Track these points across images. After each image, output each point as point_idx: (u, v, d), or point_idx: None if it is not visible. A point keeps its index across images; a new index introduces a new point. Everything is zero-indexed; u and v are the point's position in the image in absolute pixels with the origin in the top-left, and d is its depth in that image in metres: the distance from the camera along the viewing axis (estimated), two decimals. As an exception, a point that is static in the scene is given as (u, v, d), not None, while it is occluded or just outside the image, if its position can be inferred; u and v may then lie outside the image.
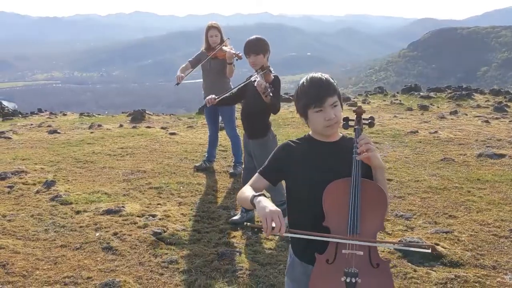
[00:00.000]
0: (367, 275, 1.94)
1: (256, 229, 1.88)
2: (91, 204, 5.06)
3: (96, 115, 14.70)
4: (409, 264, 3.63)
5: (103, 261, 3.78)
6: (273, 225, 1.83)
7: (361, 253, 1.98)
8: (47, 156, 7.43)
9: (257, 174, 2.23)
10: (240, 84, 4.38)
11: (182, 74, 5.85)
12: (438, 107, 11.70)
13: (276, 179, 2.25)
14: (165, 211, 4.85)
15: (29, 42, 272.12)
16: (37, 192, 5.48)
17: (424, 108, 11.20)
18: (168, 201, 5.21)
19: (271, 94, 3.87)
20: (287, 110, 11.55)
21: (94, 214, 4.77)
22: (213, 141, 6.54)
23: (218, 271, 3.61)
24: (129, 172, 6.39)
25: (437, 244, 3.86)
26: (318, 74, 2.17)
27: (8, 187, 5.66)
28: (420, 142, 7.56)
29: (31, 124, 11.23)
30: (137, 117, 12.42)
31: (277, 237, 4.06)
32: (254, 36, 4.23)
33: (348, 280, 1.93)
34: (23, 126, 11.10)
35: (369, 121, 2.23)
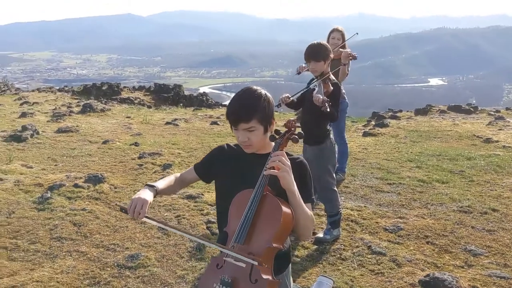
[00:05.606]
0: None
1: (123, 210, 2.12)
2: (184, 188, 5.64)
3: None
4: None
5: (150, 237, 4.29)
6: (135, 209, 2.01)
7: (243, 265, 1.98)
8: (193, 143, 8.41)
9: (192, 166, 2.41)
10: (301, 91, 4.35)
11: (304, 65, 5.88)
12: None
13: (205, 176, 2.38)
14: (237, 204, 5.14)
15: (260, 42, 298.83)
16: (154, 172, 6.35)
17: None
18: (250, 196, 5.47)
19: (328, 110, 3.82)
20: (451, 122, 10.46)
21: (178, 196, 5.34)
22: None
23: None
24: (242, 165, 6.84)
25: (474, 287, 3.27)
26: (248, 92, 2.21)
27: (139, 165, 6.69)
28: None
29: (206, 115, 12.68)
30: (302, 116, 12.87)
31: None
32: (316, 41, 4.19)
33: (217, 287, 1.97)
34: (200, 115, 12.60)
35: (294, 136, 2.19)
